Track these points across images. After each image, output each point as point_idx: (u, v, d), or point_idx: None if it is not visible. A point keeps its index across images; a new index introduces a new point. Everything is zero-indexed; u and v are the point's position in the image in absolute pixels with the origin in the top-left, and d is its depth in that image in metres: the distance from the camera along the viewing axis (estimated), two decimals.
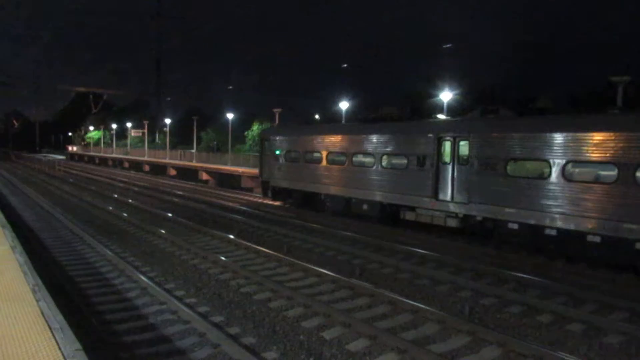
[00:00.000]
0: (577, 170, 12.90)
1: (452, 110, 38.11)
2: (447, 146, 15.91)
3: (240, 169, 37.20)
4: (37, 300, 6.74)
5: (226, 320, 8.77)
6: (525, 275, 11.46)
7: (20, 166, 63.49)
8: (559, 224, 12.95)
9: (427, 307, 9.18)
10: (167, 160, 55.13)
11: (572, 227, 12.68)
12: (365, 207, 18.94)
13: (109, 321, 8.51)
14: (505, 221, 14.20)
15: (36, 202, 24.31)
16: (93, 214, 21.05)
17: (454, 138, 15.69)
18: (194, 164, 47.73)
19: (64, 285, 10.47)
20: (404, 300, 9.59)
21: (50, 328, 5.76)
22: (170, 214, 20.28)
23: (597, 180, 12.45)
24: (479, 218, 15.02)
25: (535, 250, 13.87)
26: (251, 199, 25.92)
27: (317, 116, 65.51)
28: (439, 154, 16.08)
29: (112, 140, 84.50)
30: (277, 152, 23.60)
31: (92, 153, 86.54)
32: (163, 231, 16.33)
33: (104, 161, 74.58)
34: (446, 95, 35.92)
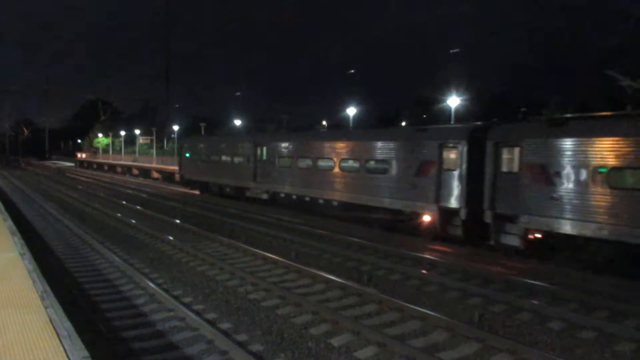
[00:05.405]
0: (302, 162, 22.75)
1: (459, 115, 38.02)
2: (259, 150, 26.05)
3: None
4: (46, 307, 6.74)
5: (234, 327, 8.75)
6: (534, 282, 11.36)
7: (30, 173, 63.94)
8: (299, 192, 22.72)
9: (436, 314, 9.12)
10: (175, 167, 55.22)
11: (302, 193, 22.42)
12: (228, 189, 29.33)
13: (117, 328, 8.52)
14: (278, 193, 24.63)
15: (45, 209, 24.45)
16: (102, 220, 21.14)
17: (261, 145, 25.93)
18: None
19: (72, 291, 10.50)
20: (413, 307, 9.53)
21: (58, 335, 5.75)
22: (178, 221, 20.32)
23: (319, 167, 21.57)
24: (271, 192, 25.10)
25: (297, 208, 23.18)
26: (259, 206, 25.92)
27: (324, 122, 65.64)
28: (256, 155, 26.15)
29: (121, 147, 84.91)
30: (187, 155, 34.25)
31: (101, 160, 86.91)
32: (171, 238, 16.36)
33: (112, 168, 74.93)
34: (454, 101, 35.81)
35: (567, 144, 12.74)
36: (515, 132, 14.50)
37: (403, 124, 51.26)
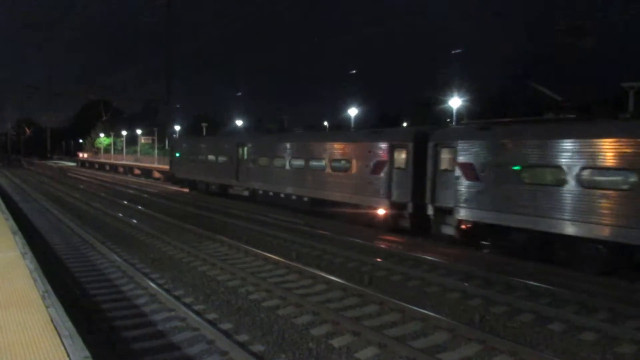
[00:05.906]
0: (277, 161, 24.56)
1: (460, 116, 37.98)
2: (241, 150, 27.74)
3: None
4: (47, 307, 6.74)
5: (235, 327, 8.75)
6: (535, 283, 11.35)
7: (32, 173, 63.97)
8: (274, 189, 24.57)
9: (437, 315, 9.12)
10: None
11: (277, 190, 24.42)
12: (213, 187, 31.21)
13: (118, 328, 8.53)
14: (257, 190, 26.36)
15: (47, 209, 24.48)
16: (103, 220, 21.16)
17: (243, 146, 27.68)
18: None
19: (73, 291, 10.51)
20: (414, 308, 9.53)
21: (59, 335, 5.76)
22: (179, 221, 20.32)
23: (292, 166, 23.48)
24: (251, 189, 26.96)
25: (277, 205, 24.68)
26: (259, 206, 25.94)
27: (325, 123, 65.68)
28: (238, 154, 27.92)
29: (122, 147, 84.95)
30: (177, 155, 36.10)
31: (102, 160, 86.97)
32: (172, 238, 16.37)
33: (114, 168, 74.99)
34: (455, 102, 35.80)
35: (491, 145, 14.52)
36: (451, 134, 16.31)
37: (404, 124, 51.28)
